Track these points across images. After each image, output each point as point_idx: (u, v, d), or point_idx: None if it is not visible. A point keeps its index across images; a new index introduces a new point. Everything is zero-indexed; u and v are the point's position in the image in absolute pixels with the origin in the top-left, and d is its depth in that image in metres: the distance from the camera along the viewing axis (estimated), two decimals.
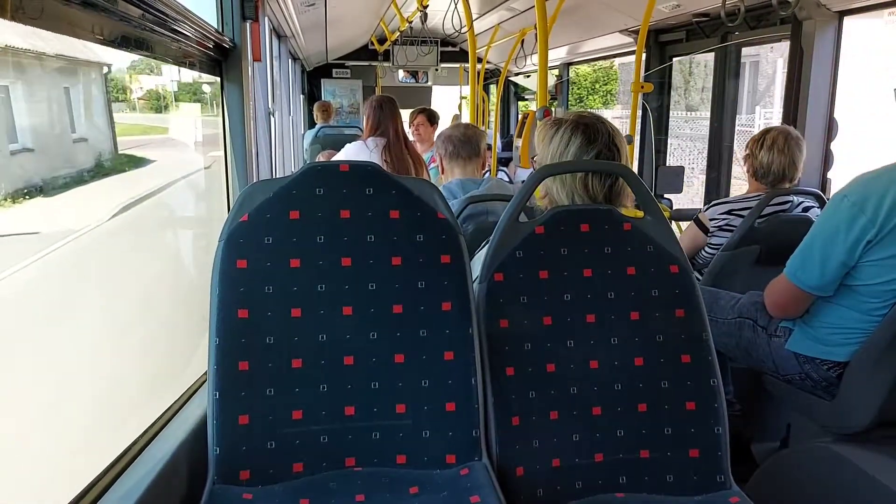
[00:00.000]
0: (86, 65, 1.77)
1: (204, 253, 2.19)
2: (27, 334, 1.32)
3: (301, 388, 1.20)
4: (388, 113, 3.00)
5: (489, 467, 1.21)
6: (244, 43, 1.93)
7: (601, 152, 1.40)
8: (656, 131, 4.18)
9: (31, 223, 1.44)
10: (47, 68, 1.45)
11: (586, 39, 4.96)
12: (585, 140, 1.40)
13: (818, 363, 1.69)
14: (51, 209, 1.51)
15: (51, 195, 1.54)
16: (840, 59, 2.76)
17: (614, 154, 1.41)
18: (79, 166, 1.79)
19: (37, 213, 1.43)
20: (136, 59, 2.26)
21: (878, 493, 1.41)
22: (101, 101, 1.98)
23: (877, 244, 1.54)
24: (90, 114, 1.94)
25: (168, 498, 1.17)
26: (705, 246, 2.41)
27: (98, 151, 1.95)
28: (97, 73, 1.88)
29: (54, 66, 1.49)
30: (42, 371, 1.33)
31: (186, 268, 2.66)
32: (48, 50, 1.31)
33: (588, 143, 1.40)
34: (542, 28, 2.38)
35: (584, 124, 1.42)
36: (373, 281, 1.24)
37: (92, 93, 1.90)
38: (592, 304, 1.32)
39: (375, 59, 7.48)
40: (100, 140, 1.96)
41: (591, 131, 1.41)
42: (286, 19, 4.06)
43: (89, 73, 1.82)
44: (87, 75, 1.80)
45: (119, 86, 2.24)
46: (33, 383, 1.29)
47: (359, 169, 1.27)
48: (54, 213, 1.55)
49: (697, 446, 1.30)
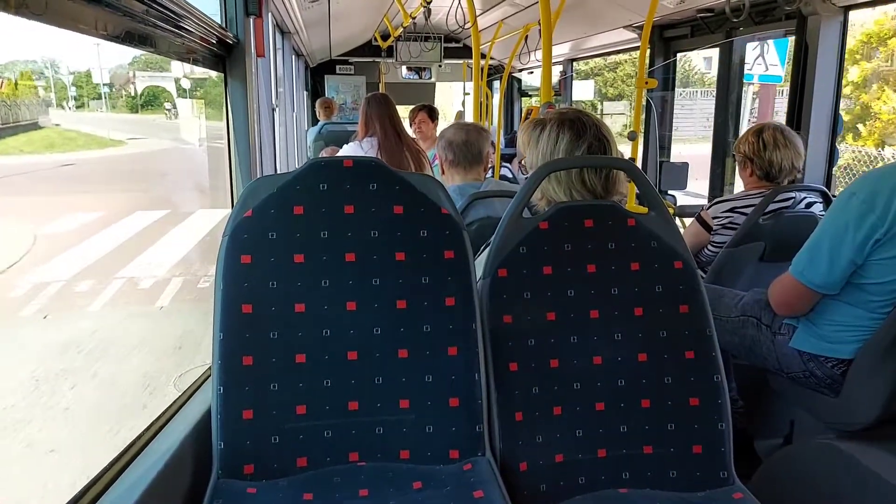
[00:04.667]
0: None
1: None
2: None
3: (305, 383, 1.21)
4: (376, 110, 2.95)
5: (492, 462, 1.21)
6: (247, 38, 1.93)
7: (591, 145, 1.41)
8: (660, 127, 4.17)
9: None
10: None
11: (590, 35, 4.94)
12: (574, 135, 1.41)
13: (822, 361, 1.69)
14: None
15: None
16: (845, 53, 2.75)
17: (604, 144, 1.42)
18: None
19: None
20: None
21: (881, 490, 1.41)
22: None
23: (885, 242, 1.53)
24: None
25: (172, 492, 1.17)
26: (708, 244, 2.41)
27: None
28: None
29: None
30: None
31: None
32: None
33: (577, 137, 1.41)
34: (546, 24, 2.38)
35: (570, 120, 1.43)
36: (376, 276, 1.24)
37: None
38: (596, 299, 1.32)
39: (379, 55, 7.46)
40: None
41: (577, 126, 1.41)
42: (289, 15, 4.06)
43: None
44: None
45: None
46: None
47: (362, 164, 1.27)
48: None
49: (700, 442, 1.30)
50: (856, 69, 9.56)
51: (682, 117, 13.32)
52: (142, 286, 3.56)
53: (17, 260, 2.48)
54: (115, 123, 5.36)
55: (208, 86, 4.60)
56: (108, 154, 4.06)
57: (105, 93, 5.60)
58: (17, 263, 2.59)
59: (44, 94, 4.42)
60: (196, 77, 5.41)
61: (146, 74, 5.94)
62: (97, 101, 5.53)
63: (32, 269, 3.02)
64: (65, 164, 3.30)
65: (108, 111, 5.57)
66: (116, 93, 6.08)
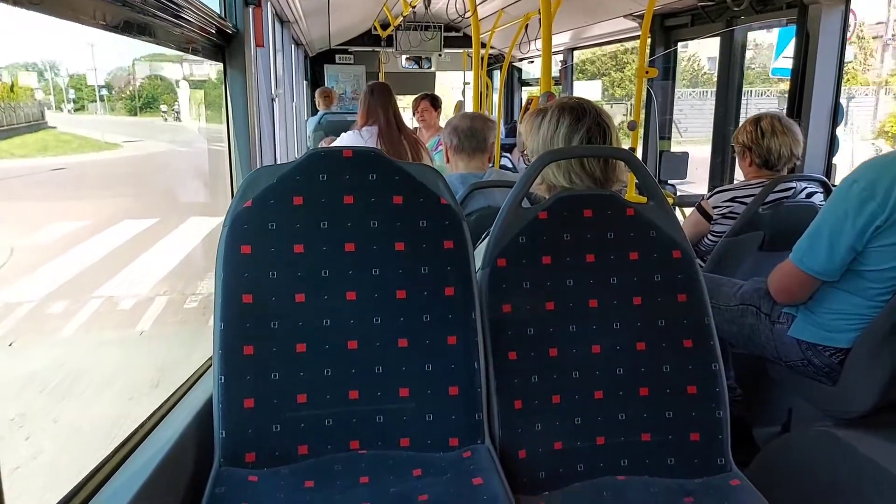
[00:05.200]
0: None
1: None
2: None
3: (305, 372, 1.21)
4: (378, 99, 2.96)
5: (492, 450, 1.22)
6: (247, 28, 1.92)
7: (591, 129, 1.42)
8: (661, 117, 4.16)
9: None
10: None
11: (591, 24, 4.92)
12: (574, 119, 1.42)
13: (820, 349, 1.70)
14: None
15: None
16: (846, 43, 2.74)
17: (604, 130, 1.43)
18: None
19: None
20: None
21: (878, 476, 1.42)
22: None
23: (886, 229, 1.54)
24: None
25: (175, 480, 1.18)
26: (708, 233, 2.41)
27: None
28: None
29: None
30: None
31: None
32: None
33: (576, 121, 1.42)
34: (546, 12, 2.37)
35: (570, 107, 1.44)
36: (376, 266, 1.25)
37: None
38: (595, 289, 1.33)
39: (378, 44, 7.42)
40: None
41: (577, 111, 1.43)
42: (289, 4, 4.05)
43: None
44: None
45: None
46: None
47: (362, 155, 1.27)
48: None
49: (698, 430, 1.31)
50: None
51: (693, 117, 13.23)
52: (122, 306, 3.31)
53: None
54: (114, 126, 5.30)
55: (207, 87, 4.61)
56: (102, 157, 3.97)
57: (104, 95, 5.57)
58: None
59: (42, 96, 4.42)
60: (195, 80, 5.42)
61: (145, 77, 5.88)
62: (95, 103, 5.52)
63: (4, 287, 2.80)
64: (56, 168, 3.23)
65: (107, 114, 5.52)
66: (116, 95, 6.05)
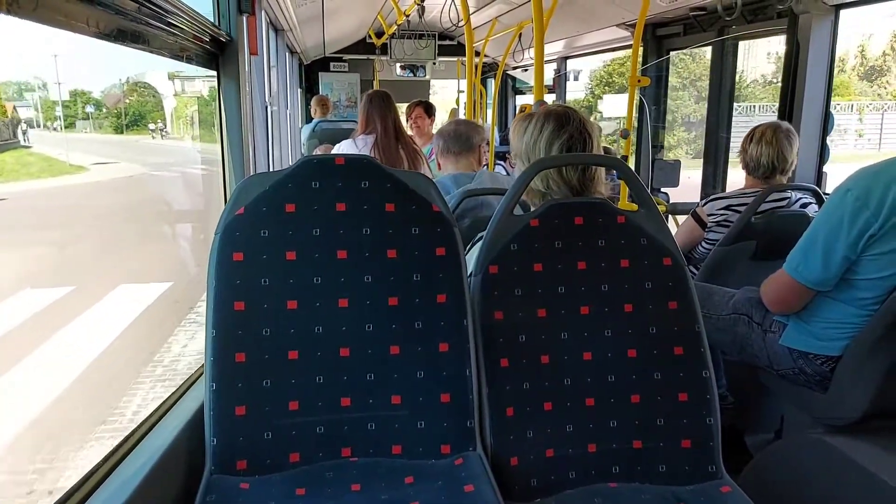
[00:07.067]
0: None
1: None
2: None
3: (297, 379, 1.21)
4: (377, 108, 2.96)
5: (483, 457, 1.22)
6: (241, 36, 1.92)
7: (572, 136, 1.45)
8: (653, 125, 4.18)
9: None
10: None
11: (584, 33, 4.95)
12: (557, 125, 1.45)
13: (811, 358, 1.70)
14: None
15: None
16: (836, 52, 2.77)
17: (586, 138, 1.46)
18: None
19: None
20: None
21: (868, 483, 1.42)
22: None
23: (879, 239, 1.54)
24: None
25: (166, 488, 1.18)
26: (702, 241, 2.42)
27: None
28: None
29: None
30: None
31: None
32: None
33: (559, 128, 1.45)
34: (539, 21, 2.39)
35: (556, 113, 1.48)
36: (368, 273, 1.25)
37: None
38: (586, 296, 1.33)
39: (373, 52, 7.46)
40: None
41: (561, 118, 1.46)
42: (283, 12, 4.06)
43: None
44: None
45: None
46: None
47: (354, 162, 1.28)
48: None
49: (689, 437, 1.31)
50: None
51: (736, 136, 12.76)
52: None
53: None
54: (93, 145, 5.04)
55: (200, 104, 4.55)
56: (56, 184, 3.60)
57: (90, 112, 5.46)
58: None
59: (19, 113, 4.26)
60: (186, 97, 5.37)
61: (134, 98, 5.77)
62: (83, 121, 5.42)
63: None
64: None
65: (93, 132, 5.41)
66: (105, 114, 5.96)
